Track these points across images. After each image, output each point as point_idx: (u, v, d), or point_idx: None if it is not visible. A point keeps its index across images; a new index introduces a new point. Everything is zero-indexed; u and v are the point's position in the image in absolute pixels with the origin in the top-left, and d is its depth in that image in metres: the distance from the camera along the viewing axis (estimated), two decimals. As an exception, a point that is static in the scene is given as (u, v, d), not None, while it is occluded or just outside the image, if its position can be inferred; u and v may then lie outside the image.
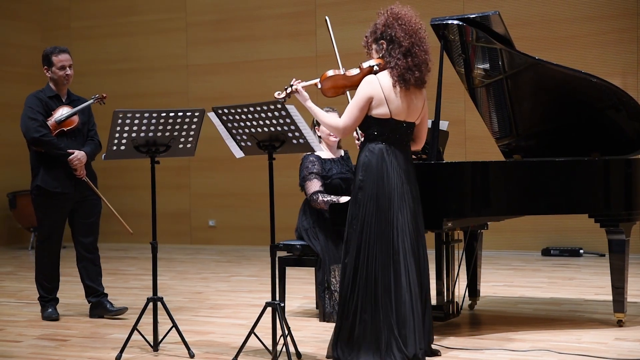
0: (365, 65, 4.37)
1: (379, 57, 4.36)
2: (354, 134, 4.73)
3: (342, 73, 4.43)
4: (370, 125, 4.32)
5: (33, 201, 5.73)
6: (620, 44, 8.91)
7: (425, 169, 4.81)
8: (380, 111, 4.28)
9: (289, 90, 4.46)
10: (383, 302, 4.19)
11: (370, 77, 4.31)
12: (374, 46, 4.38)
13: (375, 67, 4.33)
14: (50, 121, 5.63)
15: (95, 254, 5.85)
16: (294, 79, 4.49)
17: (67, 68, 5.72)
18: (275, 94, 4.44)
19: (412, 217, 4.30)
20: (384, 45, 4.33)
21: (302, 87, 4.48)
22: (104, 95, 5.86)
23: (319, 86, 4.45)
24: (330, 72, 4.44)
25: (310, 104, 4.45)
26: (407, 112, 4.33)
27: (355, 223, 4.28)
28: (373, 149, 4.31)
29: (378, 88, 4.27)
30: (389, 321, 4.16)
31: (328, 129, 4.51)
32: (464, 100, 8.63)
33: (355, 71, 4.39)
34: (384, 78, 4.30)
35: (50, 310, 5.73)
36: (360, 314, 4.21)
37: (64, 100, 5.77)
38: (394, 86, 4.27)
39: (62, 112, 5.67)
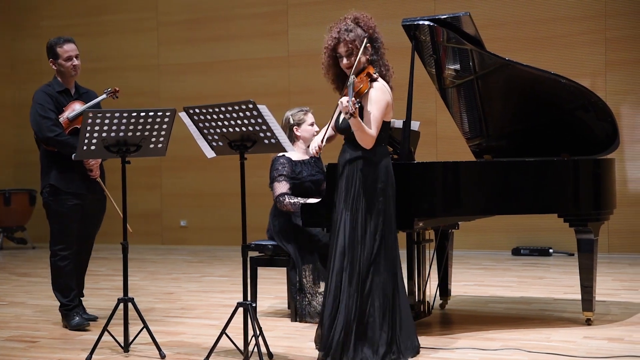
0: (373, 74, 4.31)
1: (370, 63, 4.35)
2: (319, 143, 4.62)
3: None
4: (382, 129, 4.35)
5: (45, 203, 5.46)
6: (589, 46, 9.00)
7: (396, 169, 4.83)
8: (390, 115, 4.40)
9: (357, 104, 4.11)
10: (403, 306, 4.34)
11: (381, 86, 4.32)
12: (361, 48, 4.30)
13: (375, 75, 4.32)
14: (62, 118, 5.36)
15: (88, 253, 5.68)
16: (347, 99, 4.09)
17: (74, 58, 5.45)
18: (350, 103, 4.06)
19: None
20: (370, 50, 4.35)
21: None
22: (117, 89, 5.57)
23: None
24: (362, 84, 4.27)
25: (359, 118, 4.19)
26: None
27: (385, 229, 4.29)
28: (384, 152, 4.38)
29: (389, 95, 4.35)
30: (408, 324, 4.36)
31: (364, 140, 4.25)
32: (435, 100, 8.66)
33: (361, 81, 4.30)
34: (386, 84, 4.37)
35: (77, 319, 5.39)
36: (395, 319, 4.30)
37: (72, 94, 5.51)
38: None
39: (75, 108, 5.40)
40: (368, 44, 4.35)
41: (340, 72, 4.42)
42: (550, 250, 9.01)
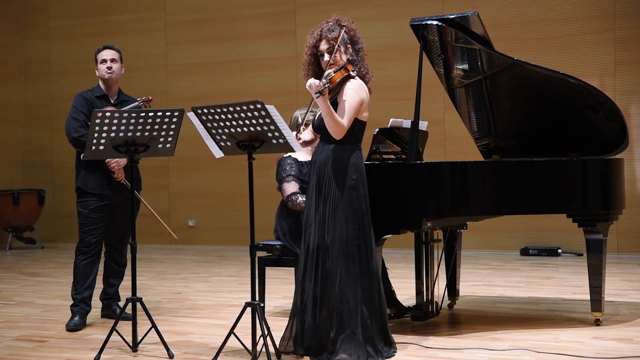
0: (351, 71, 4.32)
1: (349, 62, 4.36)
2: (296, 132, 4.63)
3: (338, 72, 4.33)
4: (357, 128, 4.37)
5: (76, 203, 5.55)
6: (597, 45, 8.98)
7: (404, 168, 4.83)
8: (365, 115, 4.39)
9: (327, 85, 4.16)
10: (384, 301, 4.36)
11: (358, 82, 4.34)
12: (342, 47, 4.36)
13: (354, 72, 4.33)
14: None
15: (119, 255, 5.73)
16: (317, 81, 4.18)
17: (108, 61, 5.60)
18: (320, 83, 4.12)
19: None
20: (350, 50, 4.38)
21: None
22: (150, 97, 5.69)
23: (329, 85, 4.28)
24: (334, 73, 4.27)
25: (328, 101, 4.23)
26: None
27: (360, 228, 4.29)
28: (357, 151, 4.38)
29: (365, 93, 4.35)
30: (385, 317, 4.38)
31: (334, 128, 4.27)
32: (444, 100, 8.66)
33: (338, 73, 4.33)
34: (364, 84, 4.37)
35: (75, 318, 5.44)
36: (376, 315, 4.32)
37: (112, 101, 5.62)
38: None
39: None
40: (349, 45, 4.38)
41: (320, 71, 4.41)
42: (559, 251, 8.99)
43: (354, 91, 4.32)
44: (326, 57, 4.36)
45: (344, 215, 4.29)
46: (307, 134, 4.65)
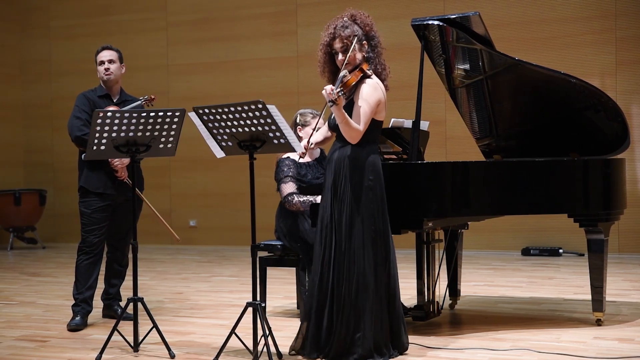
0: (367, 70, 4.30)
1: (365, 60, 4.33)
2: (305, 144, 4.52)
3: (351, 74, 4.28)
4: (373, 128, 4.35)
5: (78, 203, 5.57)
6: (598, 45, 8.98)
7: (406, 168, 4.82)
8: (382, 114, 4.37)
9: (340, 93, 4.09)
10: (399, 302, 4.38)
11: (374, 82, 4.30)
12: (357, 45, 4.30)
13: (370, 71, 4.31)
14: None
15: (121, 255, 5.73)
16: (332, 87, 4.11)
17: (106, 62, 5.61)
18: (334, 91, 4.05)
19: None
20: (366, 47, 4.34)
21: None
22: (153, 96, 5.68)
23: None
24: (350, 76, 4.24)
25: (342, 110, 4.20)
26: None
27: (377, 229, 4.28)
28: (373, 151, 4.36)
29: (382, 92, 4.31)
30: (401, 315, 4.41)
31: (349, 133, 4.25)
32: (445, 100, 8.65)
33: (351, 74, 4.27)
34: (380, 83, 4.34)
35: (77, 318, 5.46)
36: (400, 313, 4.38)
37: (114, 100, 5.63)
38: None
39: None
40: (364, 41, 4.33)
41: (335, 70, 4.36)
42: (560, 251, 8.99)
43: (370, 93, 4.26)
44: (340, 56, 4.30)
45: (360, 216, 4.26)
46: (319, 134, 4.61)
